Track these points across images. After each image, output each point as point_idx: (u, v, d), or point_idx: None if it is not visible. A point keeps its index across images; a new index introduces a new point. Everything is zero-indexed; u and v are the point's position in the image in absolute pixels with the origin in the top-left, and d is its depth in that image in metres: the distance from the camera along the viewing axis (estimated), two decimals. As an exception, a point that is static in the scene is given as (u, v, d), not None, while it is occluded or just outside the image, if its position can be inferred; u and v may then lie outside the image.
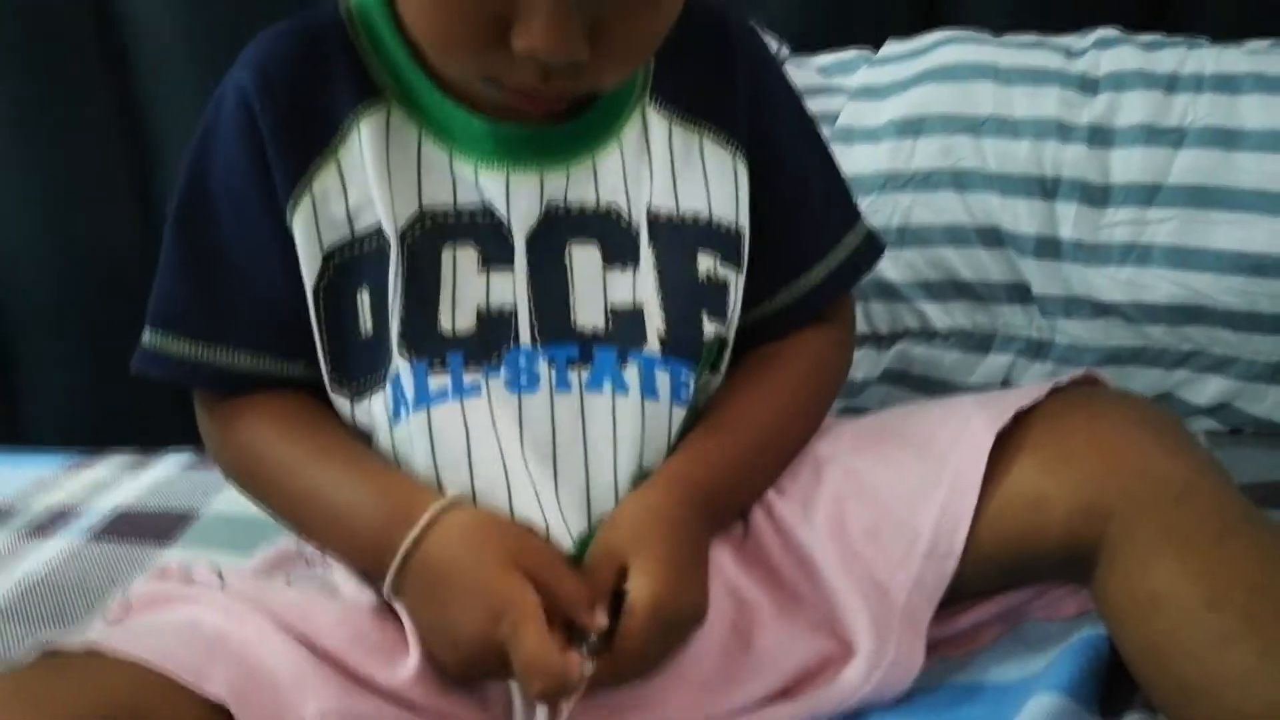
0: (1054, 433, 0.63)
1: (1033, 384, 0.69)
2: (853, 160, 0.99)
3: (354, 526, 0.63)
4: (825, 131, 1.00)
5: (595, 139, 0.66)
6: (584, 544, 0.63)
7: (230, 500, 0.95)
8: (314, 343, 0.65)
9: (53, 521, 0.93)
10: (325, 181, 0.64)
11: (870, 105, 1.02)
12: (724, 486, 0.66)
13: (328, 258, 0.64)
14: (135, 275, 1.14)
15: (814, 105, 1.02)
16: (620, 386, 0.64)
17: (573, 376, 0.64)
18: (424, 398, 0.63)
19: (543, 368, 0.63)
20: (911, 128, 0.99)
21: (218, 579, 0.65)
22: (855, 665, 0.62)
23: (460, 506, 0.62)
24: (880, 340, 1.01)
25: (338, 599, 0.64)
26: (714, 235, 0.68)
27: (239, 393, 0.68)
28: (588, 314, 0.64)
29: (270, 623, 0.61)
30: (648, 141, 0.67)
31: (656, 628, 0.59)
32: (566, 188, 0.65)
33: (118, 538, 0.89)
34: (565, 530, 0.63)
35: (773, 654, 0.64)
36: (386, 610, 0.64)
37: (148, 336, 0.67)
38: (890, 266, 0.98)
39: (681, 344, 0.66)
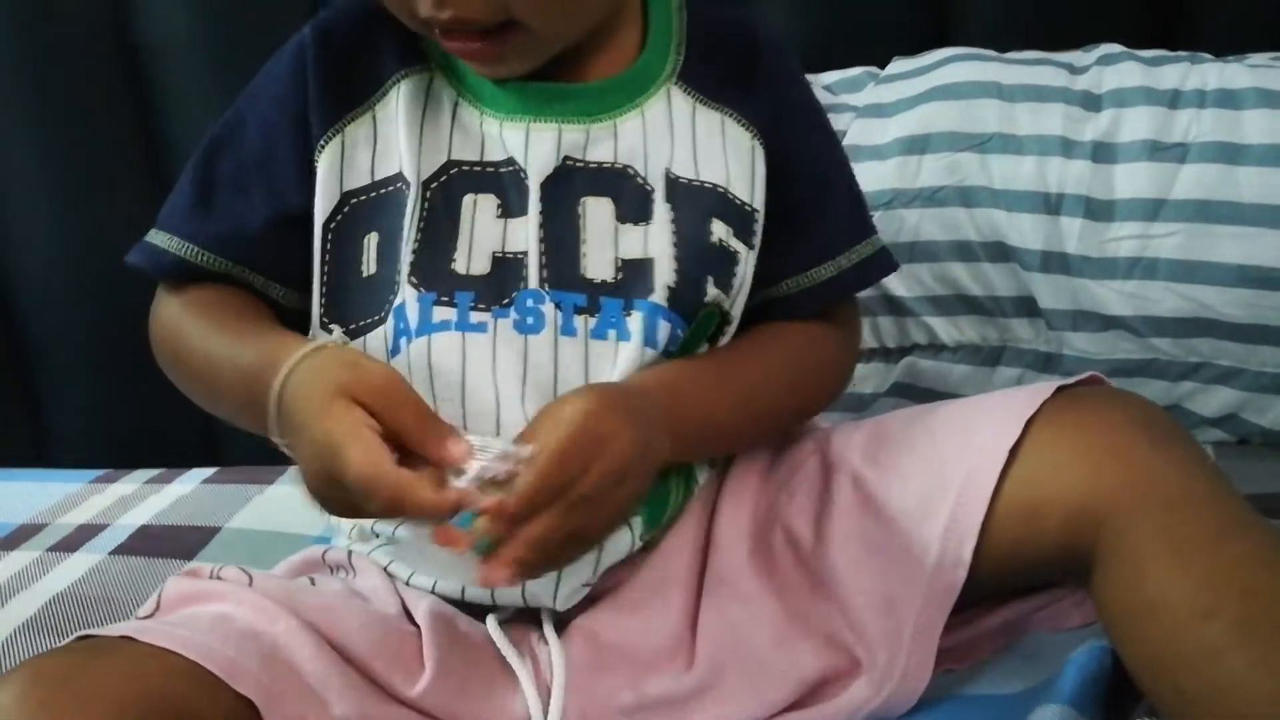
0: (1050, 435, 0.63)
1: (1039, 384, 0.67)
2: (860, 177, 0.99)
3: (238, 382, 0.64)
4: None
5: (618, 105, 0.69)
6: None
7: (251, 516, 0.97)
8: (303, 274, 0.68)
9: (78, 537, 0.94)
10: (358, 131, 0.69)
11: (877, 123, 1.03)
12: (691, 406, 0.65)
13: (345, 199, 0.68)
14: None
15: (821, 123, 1.04)
16: (624, 335, 0.65)
17: (579, 323, 0.65)
18: (427, 325, 0.65)
19: (549, 310, 0.65)
20: (918, 145, 1.00)
21: (246, 578, 0.66)
22: (864, 679, 0.63)
23: (325, 349, 0.60)
24: (889, 354, 1.02)
25: (361, 605, 0.66)
26: (729, 207, 0.69)
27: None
28: (597, 265, 0.66)
29: (298, 622, 0.62)
30: (671, 118, 0.70)
31: (579, 440, 0.56)
32: (586, 144, 0.68)
33: (141, 553, 0.91)
34: None
35: (783, 666, 0.65)
36: (407, 621, 0.66)
37: (149, 236, 0.71)
38: (898, 282, 0.99)
39: (683, 300, 0.67)
